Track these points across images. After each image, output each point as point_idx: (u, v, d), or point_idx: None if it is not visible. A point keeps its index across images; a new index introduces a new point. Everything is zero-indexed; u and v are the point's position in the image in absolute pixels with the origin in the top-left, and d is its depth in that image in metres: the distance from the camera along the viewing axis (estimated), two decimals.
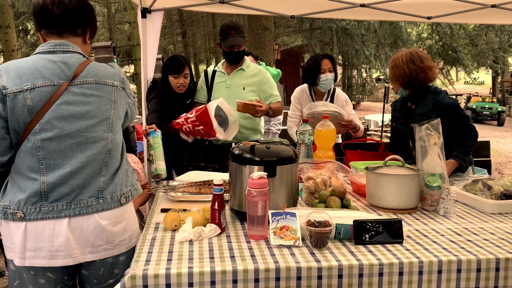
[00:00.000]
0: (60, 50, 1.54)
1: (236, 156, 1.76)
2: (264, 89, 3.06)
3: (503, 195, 1.91)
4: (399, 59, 2.65)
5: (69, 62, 1.53)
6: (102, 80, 1.57)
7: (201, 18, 15.42)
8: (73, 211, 1.49)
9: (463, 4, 2.95)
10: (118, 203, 1.58)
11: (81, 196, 1.51)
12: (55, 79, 1.49)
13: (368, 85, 22.29)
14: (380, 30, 15.07)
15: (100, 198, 1.54)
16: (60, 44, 1.54)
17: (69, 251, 1.50)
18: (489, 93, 23.89)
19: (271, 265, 1.32)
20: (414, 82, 2.63)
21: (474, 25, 15.66)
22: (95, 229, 1.53)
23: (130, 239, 1.65)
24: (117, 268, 1.63)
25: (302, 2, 3.16)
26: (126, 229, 1.62)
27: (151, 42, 3.01)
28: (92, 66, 1.58)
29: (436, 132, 1.88)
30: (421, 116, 2.58)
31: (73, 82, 1.51)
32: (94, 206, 1.52)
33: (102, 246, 1.56)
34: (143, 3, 2.94)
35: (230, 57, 3.02)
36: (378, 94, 24.38)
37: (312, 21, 14.62)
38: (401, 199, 1.87)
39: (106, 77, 1.59)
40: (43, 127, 1.46)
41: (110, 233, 1.56)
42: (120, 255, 1.62)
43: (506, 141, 12.06)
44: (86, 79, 1.54)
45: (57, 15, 1.53)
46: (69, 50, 1.55)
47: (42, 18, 1.55)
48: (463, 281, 1.38)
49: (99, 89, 1.56)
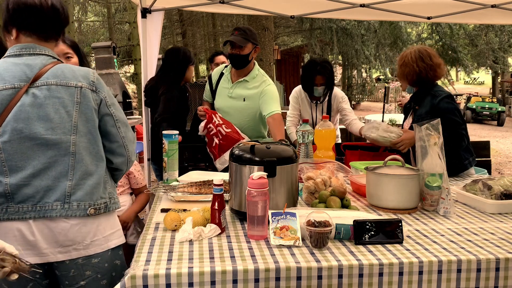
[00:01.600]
0: (26, 53, 1.53)
1: (236, 156, 1.76)
2: (261, 102, 2.96)
3: (503, 195, 1.91)
4: (408, 57, 2.65)
5: (32, 64, 1.51)
6: (64, 82, 1.53)
7: (201, 18, 15.42)
8: (38, 213, 1.47)
9: (463, 4, 2.95)
10: (84, 212, 1.52)
11: (47, 198, 1.48)
12: (15, 81, 1.48)
13: (368, 85, 22.27)
14: (380, 30, 15.07)
15: (66, 204, 1.50)
16: (27, 47, 1.54)
17: (37, 250, 1.48)
18: (489, 93, 23.89)
19: (271, 265, 1.32)
20: (423, 80, 2.64)
21: (474, 25, 15.66)
22: (63, 229, 1.49)
23: (106, 240, 1.58)
24: (89, 270, 1.56)
25: (302, 2, 3.16)
26: (99, 230, 1.56)
27: (152, 42, 3.01)
28: (58, 68, 1.54)
29: (436, 132, 1.88)
30: (418, 118, 2.60)
31: (34, 84, 1.49)
32: (58, 210, 1.49)
33: (72, 246, 1.51)
34: (143, 3, 2.95)
35: (231, 60, 2.97)
36: (378, 94, 24.37)
37: (312, 21, 14.62)
38: (401, 199, 1.87)
39: (70, 78, 1.54)
40: (4, 130, 1.46)
41: (80, 233, 1.52)
42: (92, 256, 1.55)
43: (506, 141, 12.06)
44: (48, 81, 1.51)
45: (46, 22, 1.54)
46: (35, 52, 1.54)
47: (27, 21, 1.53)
48: (463, 281, 1.38)
49: (60, 91, 1.51)
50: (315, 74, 3.23)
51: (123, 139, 1.65)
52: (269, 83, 3.02)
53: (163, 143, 2.33)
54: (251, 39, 2.91)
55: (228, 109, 3.02)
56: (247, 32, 2.92)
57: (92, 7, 17.00)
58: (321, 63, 3.28)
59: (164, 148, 2.31)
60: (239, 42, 2.86)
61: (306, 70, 3.33)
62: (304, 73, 3.35)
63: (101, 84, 1.62)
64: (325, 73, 3.24)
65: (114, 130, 1.63)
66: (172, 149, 2.30)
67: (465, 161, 2.65)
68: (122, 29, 16.85)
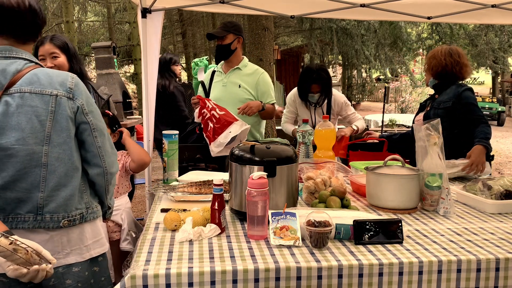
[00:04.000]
0: (2, 56, 1.48)
1: (236, 156, 1.76)
2: (260, 89, 3.12)
3: (503, 195, 1.91)
4: (439, 51, 2.82)
5: (7, 69, 1.46)
6: (38, 89, 1.46)
7: (201, 18, 15.40)
8: (10, 224, 1.43)
9: (463, 4, 2.95)
10: (58, 224, 1.47)
11: (19, 210, 1.44)
12: None
13: (368, 85, 22.29)
14: (380, 30, 15.05)
15: (39, 215, 1.46)
16: (3, 49, 1.48)
17: None
18: (489, 93, 23.89)
19: (271, 265, 1.32)
20: (447, 74, 2.78)
21: (474, 25, 15.64)
22: (41, 239, 1.44)
23: (88, 249, 1.55)
24: (69, 278, 1.51)
25: (302, 2, 3.16)
26: (81, 239, 1.53)
27: (153, 42, 3.01)
28: (33, 74, 1.47)
29: (436, 132, 1.88)
30: (438, 103, 2.75)
31: (8, 91, 1.44)
32: (31, 222, 1.45)
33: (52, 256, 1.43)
34: (143, 3, 2.94)
35: (216, 52, 3.16)
36: (378, 94, 24.36)
37: (312, 21, 14.61)
38: (401, 199, 1.87)
39: (45, 85, 1.47)
40: None
41: (60, 243, 1.48)
42: (73, 265, 1.51)
43: (506, 141, 12.06)
44: (21, 88, 1.44)
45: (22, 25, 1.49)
46: (12, 55, 1.49)
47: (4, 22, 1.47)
48: (463, 281, 1.38)
49: (34, 99, 1.45)
50: (311, 83, 3.28)
51: (99, 149, 1.56)
52: (262, 71, 3.19)
53: (163, 143, 2.33)
54: (232, 30, 3.07)
55: (224, 97, 3.10)
56: (227, 24, 3.11)
57: (92, 7, 16.99)
58: (317, 71, 3.30)
59: (164, 148, 2.31)
60: (218, 33, 3.06)
61: (302, 78, 3.37)
62: (300, 80, 3.39)
63: (79, 90, 1.54)
64: (321, 81, 3.27)
65: (90, 139, 1.55)
66: (172, 149, 2.30)
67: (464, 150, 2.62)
68: (122, 29, 16.84)
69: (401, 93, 20.34)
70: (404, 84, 20.00)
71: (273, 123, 6.90)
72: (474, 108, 2.66)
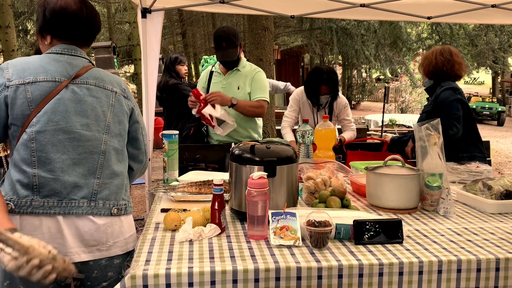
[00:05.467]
0: (68, 53, 1.59)
1: (236, 156, 1.76)
2: (252, 85, 3.08)
3: (503, 195, 1.91)
4: (431, 51, 2.85)
5: (73, 63, 1.58)
6: (102, 84, 1.61)
7: (201, 18, 15.42)
8: (64, 210, 1.47)
9: (463, 4, 2.95)
10: (109, 212, 1.54)
11: (73, 195, 1.49)
12: (57, 75, 1.52)
13: (368, 85, 22.30)
14: (380, 30, 15.06)
15: (93, 201, 1.51)
16: (69, 48, 1.60)
17: (65, 249, 1.48)
18: (489, 93, 23.90)
19: (271, 265, 1.32)
20: (438, 73, 2.77)
21: (474, 25, 15.64)
22: (89, 228, 1.51)
23: (126, 243, 1.61)
24: (111, 271, 1.58)
25: (302, 2, 3.16)
26: (121, 232, 1.59)
27: (153, 43, 3.01)
28: (95, 70, 1.63)
29: (436, 132, 1.88)
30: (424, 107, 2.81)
31: (74, 81, 1.55)
32: (85, 208, 1.50)
33: (96, 247, 1.53)
34: (143, 3, 2.94)
35: (225, 64, 3.09)
36: (378, 94, 24.38)
37: (312, 21, 14.62)
38: (401, 199, 1.87)
39: (107, 82, 1.63)
40: (39, 120, 1.48)
41: (105, 234, 1.54)
42: (114, 257, 1.57)
43: (506, 141, 12.06)
44: (87, 80, 1.58)
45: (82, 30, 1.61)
46: (77, 54, 1.61)
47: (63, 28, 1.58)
48: (463, 281, 1.38)
49: (98, 91, 1.59)
50: (321, 84, 3.25)
51: (145, 146, 1.78)
52: (258, 70, 3.14)
53: (163, 143, 2.34)
54: (238, 42, 3.01)
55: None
56: (231, 38, 2.98)
57: None
58: (327, 72, 3.29)
59: (164, 148, 2.31)
60: (232, 56, 2.98)
61: (311, 79, 3.33)
62: (309, 81, 3.35)
63: (130, 93, 1.72)
64: (330, 83, 3.26)
65: (140, 137, 1.74)
66: (172, 149, 2.31)
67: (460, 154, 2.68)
68: (122, 29, 16.85)
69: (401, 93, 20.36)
70: (404, 84, 20.02)
71: (273, 123, 6.90)
72: (448, 109, 2.59)
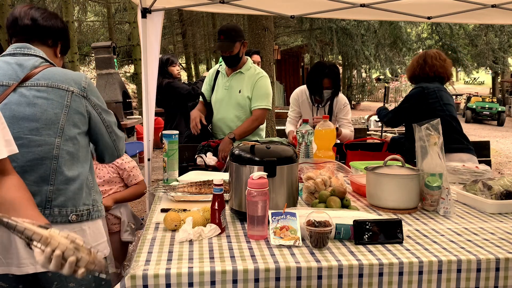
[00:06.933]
0: (20, 52, 1.54)
1: (236, 156, 1.76)
2: (254, 92, 3.08)
3: (503, 195, 1.91)
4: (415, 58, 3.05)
5: (24, 64, 1.52)
6: (55, 84, 1.52)
7: (201, 18, 15.41)
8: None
9: (463, 4, 2.95)
10: (66, 219, 1.48)
11: None
12: (5, 79, 1.48)
13: (368, 85, 22.30)
14: (380, 30, 15.07)
15: (47, 209, 1.45)
16: (21, 47, 1.55)
17: (16, 260, 1.41)
18: (489, 93, 23.90)
19: (271, 265, 1.32)
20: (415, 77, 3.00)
21: (474, 25, 15.66)
22: None
23: None
24: (72, 282, 1.50)
25: (302, 2, 3.16)
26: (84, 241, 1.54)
27: (153, 43, 3.01)
28: (50, 71, 1.54)
29: (436, 132, 1.88)
30: None
31: (23, 84, 1.49)
32: None
33: None
34: (143, 3, 2.94)
35: (225, 60, 3.11)
36: (378, 94, 24.38)
37: (312, 21, 14.62)
38: (401, 199, 1.87)
39: (61, 81, 1.53)
40: None
41: None
42: None
43: (506, 141, 12.06)
44: (38, 82, 1.51)
45: (26, 25, 1.57)
46: (29, 53, 1.55)
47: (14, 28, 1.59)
48: (463, 281, 1.38)
49: (50, 93, 1.50)
50: (323, 77, 3.24)
51: (114, 142, 1.70)
52: (262, 75, 3.13)
53: (163, 143, 2.34)
54: (237, 39, 3.01)
55: (225, 100, 3.12)
56: (231, 33, 3.02)
57: (92, 7, 16.98)
58: (329, 66, 3.29)
59: (164, 148, 2.31)
60: (227, 48, 3.00)
61: (314, 73, 3.32)
62: (312, 75, 3.33)
63: (92, 90, 1.61)
64: (333, 75, 3.25)
65: (105, 136, 1.65)
66: (172, 149, 2.31)
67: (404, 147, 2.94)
68: (122, 29, 16.84)
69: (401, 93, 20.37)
70: (404, 84, 20.03)
71: (273, 123, 6.90)
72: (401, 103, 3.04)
